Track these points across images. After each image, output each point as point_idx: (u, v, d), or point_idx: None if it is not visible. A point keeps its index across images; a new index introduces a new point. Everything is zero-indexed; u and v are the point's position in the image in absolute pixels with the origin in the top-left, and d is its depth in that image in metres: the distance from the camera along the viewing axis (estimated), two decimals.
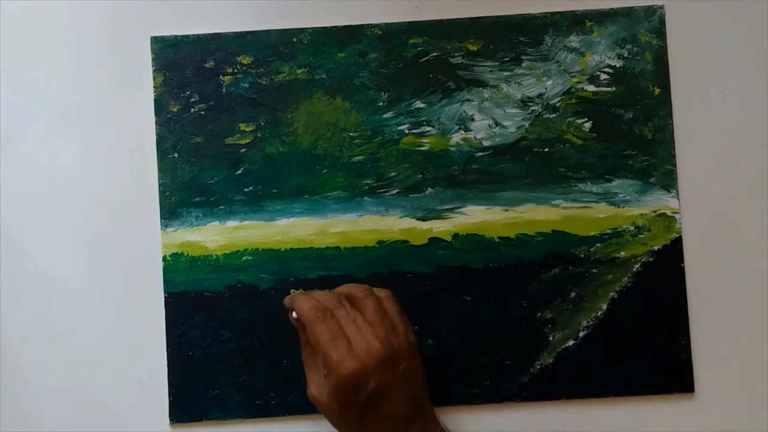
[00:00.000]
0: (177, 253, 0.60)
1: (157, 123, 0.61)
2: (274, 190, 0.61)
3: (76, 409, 0.60)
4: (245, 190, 0.61)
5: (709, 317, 0.60)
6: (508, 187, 0.61)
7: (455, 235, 0.60)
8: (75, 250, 0.61)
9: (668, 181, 0.61)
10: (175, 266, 0.60)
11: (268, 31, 0.62)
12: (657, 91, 0.61)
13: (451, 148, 0.61)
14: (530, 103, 0.61)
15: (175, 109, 0.61)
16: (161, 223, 0.61)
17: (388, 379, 0.49)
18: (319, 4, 0.62)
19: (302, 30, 0.61)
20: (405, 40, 0.61)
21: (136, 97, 0.61)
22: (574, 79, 0.61)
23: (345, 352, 0.48)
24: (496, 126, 0.61)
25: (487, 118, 0.61)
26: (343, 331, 0.50)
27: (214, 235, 0.61)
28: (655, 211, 0.61)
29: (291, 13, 0.62)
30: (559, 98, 0.61)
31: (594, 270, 0.60)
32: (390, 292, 0.54)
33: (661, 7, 0.62)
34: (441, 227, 0.61)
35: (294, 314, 0.53)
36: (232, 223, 0.61)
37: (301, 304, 0.52)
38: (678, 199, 0.61)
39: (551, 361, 0.60)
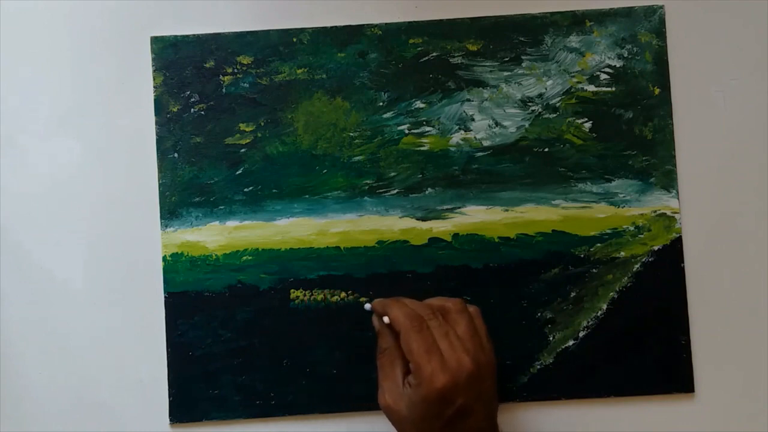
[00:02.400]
0: (177, 253, 0.60)
1: (157, 123, 0.61)
2: (274, 190, 0.61)
3: (76, 409, 0.60)
4: (245, 190, 0.61)
5: (709, 317, 0.60)
6: (508, 187, 0.61)
7: (455, 235, 0.61)
8: (75, 250, 0.61)
9: (668, 181, 0.61)
10: (175, 266, 0.60)
11: (268, 31, 0.62)
12: (657, 91, 0.61)
13: (451, 148, 0.61)
14: (530, 103, 0.61)
15: (175, 109, 0.61)
16: (161, 223, 0.61)
17: (474, 396, 0.49)
18: (319, 4, 0.62)
19: (302, 30, 0.61)
20: (405, 40, 0.61)
21: (136, 97, 0.61)
22: (574, 79, 0.61)
23: (438, 365, 0.48)
24: (496, 126, 0.61)
25: (487, 118, 0.61)
26: (436, 343, 0.50)
27: (214, 235, 0.61)
28: (655, 211, 0.61)
29: (291, 13, 0.62)
30: (559, 98, 0.61)
31: (594, 270, 0.60)
32: (478, 308, 0.55)
33: (661, 7, 0.62)
34: (441, 227, 0.61)
35: (385, 319, 0.53)
36: (232, 223, 0.61)
37: (396, 311, 0.52)
38: (678, 199, 0.61)
39: (551, 361, 0.60)
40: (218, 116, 0.61)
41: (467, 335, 0.50)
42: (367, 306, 0.56)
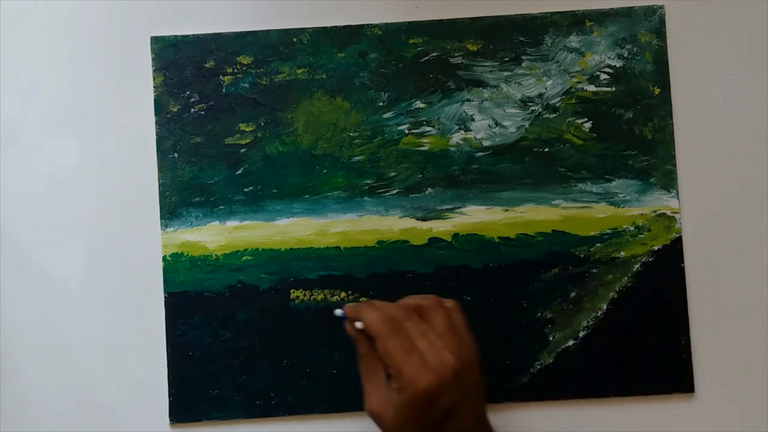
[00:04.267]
0: (177, 253, 0.60)
1: (157, 123, 0.61)
2: (274, 190, 0.61)
3: (76, 409, 0.60)
4: (245, 190, 0.61)
5: (709, 317, 0.60)
6: (508, 187, 0.61)
7: (455, 235, 0.61)
8: (75, 250, 0.61)
9: (668, 181, 0.61)
10: (175, 266, 0.60)
11: (268, 31, 0.62)
12: (657, 91, 0.61)
13: (451, 148, 0.61)
14: (530, 103, 0.61)
15: (175, 109, 0.61)
16: (161, 223, 0.61)
17: (460, 394, 0.46)
18: (319, 4, 0.62)
19: (302, 30, 0.61)
20: (405, 40, 0.61)
21: (136, 97, 0.61)
22: (574, 79, 0.61)
23: (419, 366, 0.46)
24: (496, 126, 0.61)
25: (487, 118, 0.61)
26: (414, 344, 0.47)
27: (214, 235, 0.61)
28: (655, 211, 0.61)
29: (291, 13, 0.62)
30: (559, 98, 0.61)
31: (594, 270, 0.60)
32: (456, 302, 0.53)
33: (661, 7, 0.62)
34: (441, 227, 0.61)
35: (359, 324, 0.51)
36: (232, 223, 0.61)
37: (370, 315, 0.49)
38: (678, 199, 0.61)
39: (551, 361, 0.60)
40: (218, 116, 0.61)
41: (446, 331, 0.48)
42: (338, 312, 0.54)
